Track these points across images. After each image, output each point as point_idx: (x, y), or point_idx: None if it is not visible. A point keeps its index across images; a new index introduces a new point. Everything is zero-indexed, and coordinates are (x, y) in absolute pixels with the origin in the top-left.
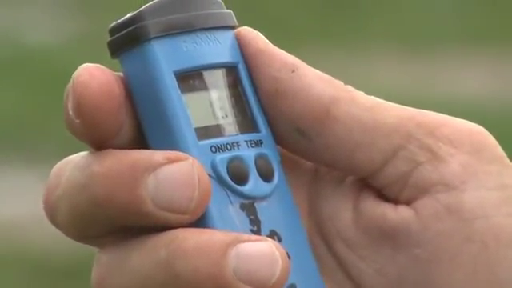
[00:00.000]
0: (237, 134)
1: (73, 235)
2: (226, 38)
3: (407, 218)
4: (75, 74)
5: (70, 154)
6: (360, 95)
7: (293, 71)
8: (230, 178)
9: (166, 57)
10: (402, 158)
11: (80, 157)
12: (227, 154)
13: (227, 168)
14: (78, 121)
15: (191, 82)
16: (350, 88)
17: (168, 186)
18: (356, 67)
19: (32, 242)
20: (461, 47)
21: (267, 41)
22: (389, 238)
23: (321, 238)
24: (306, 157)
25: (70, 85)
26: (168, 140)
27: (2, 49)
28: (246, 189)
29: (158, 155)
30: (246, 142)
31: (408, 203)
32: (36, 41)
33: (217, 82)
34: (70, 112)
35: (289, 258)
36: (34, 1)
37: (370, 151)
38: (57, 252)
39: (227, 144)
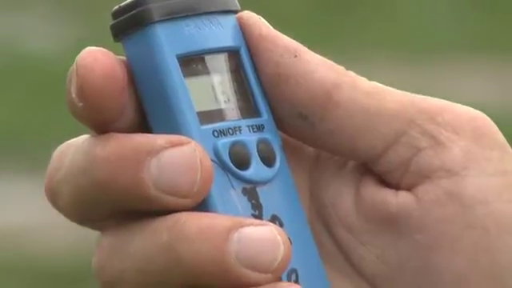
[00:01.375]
0: (239, 119)
1: (74, 218)
2: (229, 22)
3: (408, 203)
4: (78, 57)
5: None
6: (362, 80)
7: (295, 56)
8: (232, 163)
9: (169, 40)
10: (404, 144)
11: (82, 140)
12: (229, 139)
13: (229, 152)
14: (80, 104)
15: (194, 66)
16: (351, 73)
17: (170, 169)
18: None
19: (33, 249)
20: (459, 55)
21: (269, 25)
22: (390, 223)
23: (322, 224)
24: (308, 142)
25: (73, 68)
26: (170, 124)
27: (2, 56)
28: (248, 173)
29: (160, 139)
30: (248, 126)
31: (409, 189)
32: (35, 48)
33: (219, 66)
34: (73, 95)
35: (290, 242)
36: (33, 8)
37: (371, 136)
38: (58, 259)
39: (229, 128)
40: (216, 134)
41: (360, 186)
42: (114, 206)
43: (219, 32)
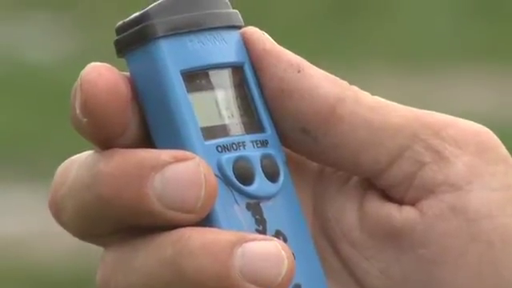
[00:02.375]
0: (242, 134)
1: (78, 234)
2: (233, 37)
3: (412, 218)
4: (83, 72)
5: None
6: (365, 95)
7: (299, 71)
8: (236, 178)
9: (173, 56)
10: (408, 159)
11: (86, 156)
12: (233, 154)
13: (233, 168)
14: (85, 120)
15: (197, 81)
16: (355, 88)
17: (175, 185)
18: (355, 82)
19: (32, 258)
20: (460, 63)
21: (273, 41)
22: (394, 238)
23: (326, 239)
24: (312, 157)
25: (77, 83)
26: (174, 139)
27: (1, 66)
28: (252, 189)
29: (164, 154)
30: (252, 142)
31: (413, 204)
32: (35, 58)
33: (223, 81)
34: (77, 111)
35: (294, 258)
36: (32, 19)
37: (375, 151)
38: (58, 268)
39: (233, 144)
40: (220, 149)
41: (364, 201)
42: (118, 222)
43: (223, 47)
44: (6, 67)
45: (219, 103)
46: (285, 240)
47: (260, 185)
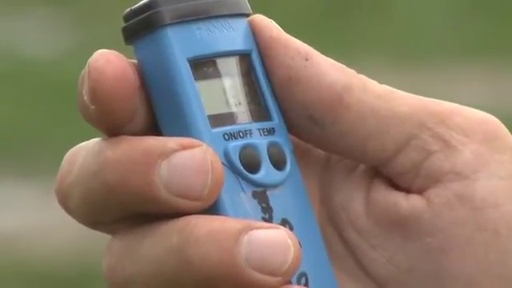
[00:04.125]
0: (250, 122)
1: (85, 221)
2: (240, 25)
3: (419, 206)
4: (91, 59)
5: None
6: (373, 83)
7: (306, 59)
8: (243, 166)
9: (180, 43)
10: (415, 147)
11: (93, 143)
12: (240, 142)
13: (240, 156)
14: (92, 107)
15: (205, 69)
16: (362, 76)
17: (181, 172)
18: None
19: (31, 254)
20: (457, 59)
21: (280, 29)
22: (400, 226)
23: (332, 227)
24: (319, 145)
25: (85, 70)
26: (181, 127)
27: (1, 61)
28: (258, 177)
29: (171, 141)
30: (259, 130)
31: (420, 192)
32: (35, 53)
33: (230, 69)
34: (85, 98)
35: (300, 246)
36: (31, 14)
37: (382, 140)
38: (57, 263)
39: (240, 132)
40: (227, 137)
41: (370, 190)
42: (125, 209)
43: (231, 35)
44: (6, 63)
45: (226, 91)
46: (291, 228)
47: (266, 173)
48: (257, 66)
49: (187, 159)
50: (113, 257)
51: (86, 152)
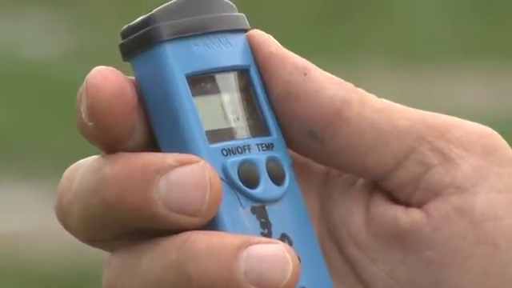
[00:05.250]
0: (248, 138)
1: (84, 238)
2: (239, 41)
3: (418, 220)
4: (89, 76)
5: (68, 167)
6: (371, 97)
7: (305, 74)
8: (241, 182)
9: (178, 60)
10: (414, 161)
11: (92, 160)
12: (238, 158)
13: (238, 171)
14: (90, 124)
15: (203, 85)
16: (360, 90)
17: (179, 188)
18: (353, 81)
19: (32, 255)
20: (457, 61)
21: (279, 44)
22: (400, 240)
23: (332, 242)
24: (318, 160)
25: (83, 87)
26: (179, 143)
27: (0, 62)
28: (257, 192)
29: (169, 158)
30: (258, 145)
31: (419, 206)
32: (34, 55)
33: (228, 85)
34: (83, 115)
35: (299, 261)
36: (31, 15)
37: (382, 154)
38: (57, 265)
39: (238, 147)
40: (225, 152)
41: (370, 204)
42: (124, 226)
43: (229, 51)
44: (5, 64)
45: (225, 106)
46: (290, 243)
47: (265, 188)
48: (255, 81)
49: (185, 175)
50: (112, 272)
51: (84, 169)
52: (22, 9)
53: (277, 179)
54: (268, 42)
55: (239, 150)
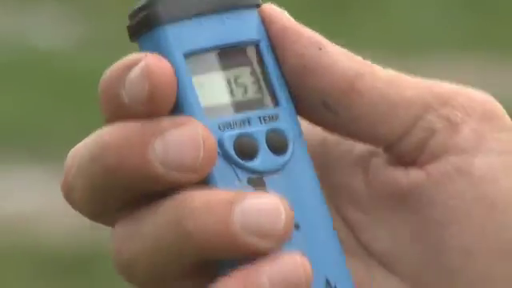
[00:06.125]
0: (249, 111)
1: (88, 212)
2: (249, 16)
3: (418, 179)
4: (146, 62)
5: None
6: (380, 69)
7: (320, 48)
8: (237, 154)
9: (177, 39)
10: (421, 128)
11: (93, 134)
12: (235, 131)
13: (234, 144)
14: (141, 108)
15: (204, 62)
16: (369, 63)
17: (175, 147)
18: None
19: (38, 237)
20: (449, 54)
21: (291, 18)
22: (401, 200)
23: (332, 207)
24: (330, 129)
25: (136, 72)
26: None
27: (11, 52)
28: (254, 164)
29: (164, 121)
30: (259, 117)
31: (420, 167)
32: (43, 44)
33: (234, 60)
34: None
35: (298, 227)
36: (41, 6)
37: (391, 123)
38: (63, 247)
39: (236, 121)
40: (221, 127)
41: (369, 167)
42: (125, 191)
43: (235, 27)
44: (14, 52)
45: (228, 82)
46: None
47: (263, 159)
48: (265, 55)
49: (180, 135)
50: (118, 240)
51: (86, 142)
52: (34, 0)
53: (277, 149)
54: (281, 15)
55: (237, 123)
